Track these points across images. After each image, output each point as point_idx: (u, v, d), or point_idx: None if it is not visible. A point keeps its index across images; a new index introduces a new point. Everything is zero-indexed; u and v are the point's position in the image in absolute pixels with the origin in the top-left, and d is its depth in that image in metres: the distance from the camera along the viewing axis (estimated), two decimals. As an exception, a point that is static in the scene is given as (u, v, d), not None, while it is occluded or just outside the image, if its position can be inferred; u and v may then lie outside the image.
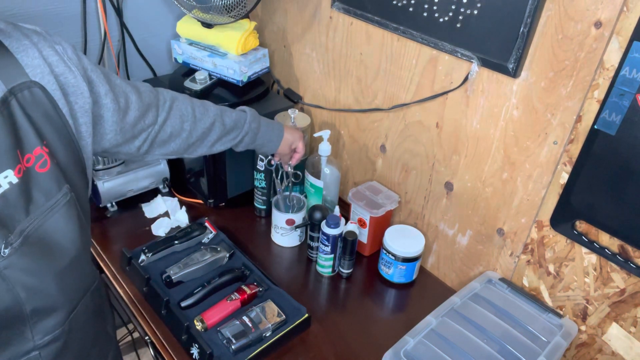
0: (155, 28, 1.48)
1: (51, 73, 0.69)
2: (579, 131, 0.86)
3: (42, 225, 0.67)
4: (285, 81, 1.50)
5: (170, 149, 0.98)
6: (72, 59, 0.72)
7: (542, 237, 0.98)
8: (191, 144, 1.00)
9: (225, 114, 1.05)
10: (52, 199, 0.68)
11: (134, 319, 1.09)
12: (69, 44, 0.74)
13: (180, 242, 1.16)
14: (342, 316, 1.10)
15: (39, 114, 0.67)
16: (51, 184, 0.68)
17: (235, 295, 1.04)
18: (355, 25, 1.19)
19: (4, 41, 0.66)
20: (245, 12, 1.22)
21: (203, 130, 1.00)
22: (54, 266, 0.69)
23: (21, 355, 0.71)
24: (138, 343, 1.74)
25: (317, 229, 1.17)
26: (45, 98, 0.68)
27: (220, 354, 0.94)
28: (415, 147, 1.17)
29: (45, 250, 0.68)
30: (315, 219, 1.17)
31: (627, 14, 0.75)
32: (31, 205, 0.66)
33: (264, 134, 1.10)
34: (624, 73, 0.76)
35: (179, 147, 0.99)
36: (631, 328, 0.90)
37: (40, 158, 0.67)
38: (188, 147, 1.01)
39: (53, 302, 0.71)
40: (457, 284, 1.19)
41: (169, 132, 0.95)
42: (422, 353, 0.89)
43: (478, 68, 0.96)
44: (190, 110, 0.98)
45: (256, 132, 1.08)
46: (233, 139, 1.06)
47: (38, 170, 0.67)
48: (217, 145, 1.05)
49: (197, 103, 1.01)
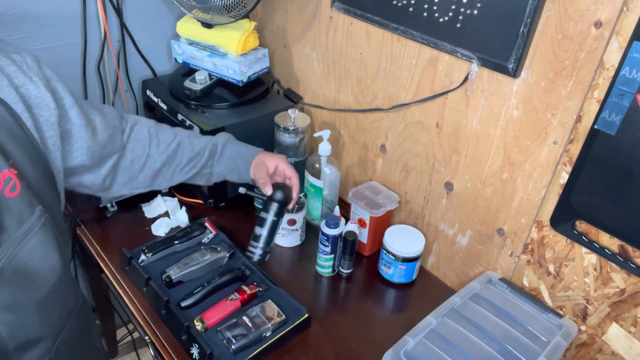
0: (155, 28, 1.48)
1: (10, 85, 0.64)
2: (579, 131, 0.86)
3: (17, 256, 0.61)
4: (285, 81, 1.50)
5: (135, 179, 0.92)
6: (32, 68, 0.67)
7: (542, 237, 0.98)
8: (157, 171, 0.94)
9: (193, 135, 1.00)
10: (26, 224, 0.62)
11: (134, 319, 1.09)
12: (29, 53, 0.69)
13: (180, 242, 1.16)
14: (342, 316, 1.09)
15: (2, 132, 0.61)
16: (23, 207, 0.62)
17: (235, 295, 1.04)
18: (355, 25, 1.19)
19: None
20: (245, 12, 1.22)
21: (168, 153, 0.94)
22: (35, 297, 0.64)
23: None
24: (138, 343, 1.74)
25: (275, 209, 1.00)
26: (6, 113, 0.62)
27: (220, 354, 0.94)
28: (415, 147, 1.17)
29: (24, 282, 0.63)
30: (276, 197, 1.00)
31: (627, 14, 0.75)
32: (3, 234, 0.60)
33: (232, 149, 1.01)
34: (624, 73, 0.76)
35: (144, 176, 0.93)
36: (631, 328, 0.90)
37: (8, 182, 0.60)
38: (155, 175, 0.95)
39: (37, 334, 0.66)
40: (457, 284, 1.19)
41: (131, 158, 0.90)
42: (422, 353, 0.89)
43: (478, 68, 0.96)
44: (153, 132, 0.93)
45: (224, 143, 1.01)
46: (200, 159, 0.99)
47: (7, 195, 0.60)
48: (186, 169, 0.98)
49: (163, 127, 0.97)
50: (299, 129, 1.29)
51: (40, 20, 1.26)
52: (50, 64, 1.38)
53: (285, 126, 1.28)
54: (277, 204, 1.00)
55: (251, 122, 1.30)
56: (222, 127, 1.24)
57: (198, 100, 1.32)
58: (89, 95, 1.43)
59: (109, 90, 1.46)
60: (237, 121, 1.28)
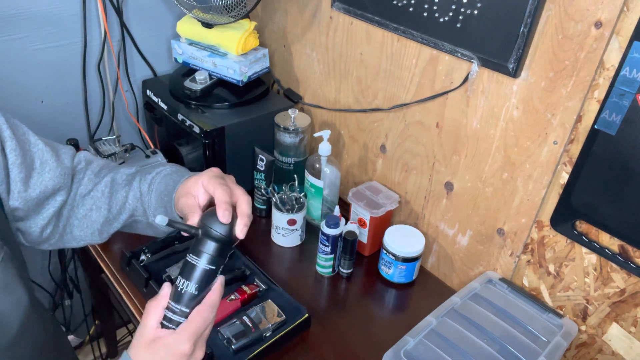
0: (155, 28, 1.48)
1: None
2: (579, 131, 0.86)
3: None
4: (285, 81, 1.50)
5: (89, 226, 0.78)
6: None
7: (542, 237, 0.98)
8: (110, 219, 0.79)
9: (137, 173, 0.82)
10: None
11: (134, 319, 1.09)
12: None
13: (181, 242, 1.16)
14: (342, 316, 1.09)
15: None
16: None
17: (235, 295, 1.04)
18: (355, 25, 1.19)
19: None
20: (245, 12, 1.22)
21: (123, 196, 0.78)
22: (4, 341, 0.56)
23: None
24: (138, 343, 1.74)
25: (213, 253, 0.67)
26: None
27: (220, 354, 0.94)
28: (416, 147, 1.17)
29: None
30: (212, 231, 0.66)
31: (627, 14, 0.75)
32: None
33: (159, 189, 0.77)
34: (624, 73, 0.76)
35: (97, 220, 0.79)
36: (631, 328, 0.90)
37: None
38: (107, 222, 0.80)
39: None
40: (457, 284, 1.19)
41: (90, 205, 0.76)
42: (422, 353, 0.89)
43: (478, 68, 0.96)
44: (107, 171, 0.80)
45: (149, 185, 0.78)
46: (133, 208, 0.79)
47: None
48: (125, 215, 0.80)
49: (112, 164, 0.84)
50: (299, 129, 1.29)
51: (40, 20, 1.26)
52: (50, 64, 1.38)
53: (285, 126, 1.28)
54: (213, 243, 0.65)
55: (251, 122, 1.30)
56: (222, 127, 1.24)
57: (198, 100, 1.32)
58: (89, 95, 1.43)
59: (109, 90, 1.46)
60: (237, 121, 1.28)
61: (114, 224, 0.80)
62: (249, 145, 1.30)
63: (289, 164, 1.33)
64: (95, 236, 0.80)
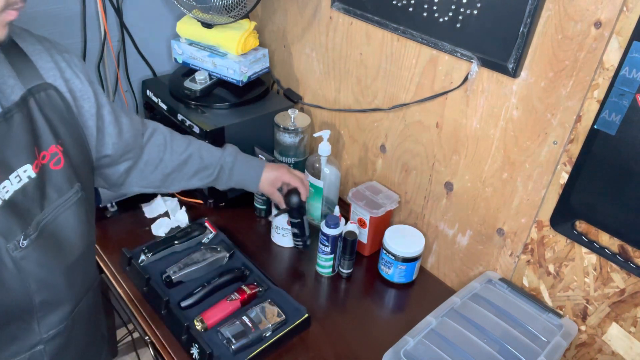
0: (155, 28, 1.48)
1: (61, 77, 0.73)
2: (579, 131, 0.86)
3: (54, 220, 0.70)
4: (285, 81, 1.50)
5: (147, 179, 0.99)
6: (77, 66, 0.76)
7: (542, 237, 0.98)
8: (167, 175, 1.00)
9: (204, 148, 1.05)
10: (64, 196, 0.71)
11: (134, 319, 1.09)
12: (75, 54, 0.78)
13: (180, 242, 1.16)
14: (342, 316, 1.10)
15: (55, 114, 0.71)
16: (63, 181, 0.71)
17: (235, 295, 1.04)
18: (355, 25, 1.19)
19: (20, 44, 0.71)
20: (245, 12, 1.22)
21: (179, 161, 1.00)
22: (64, 261, 0.72)
23: (27, 349, 0.72)
24: (138, 343, 1.74)
25: (296, 213, 1.14)
26: (59, 100, 0.71)
27: (220, 354, 0.94)
28: (415, 147, 1.17)
29: (57, 245, 0.71)
30: (292, 203, 1.11)
31: (627, 14, 0.75)
32: (45, 200, 0.69)
33: (240, 170, 1.07)
34: (624, 73, 0.76)
35: (155, 178, 0.99)
36: (631, 328, 0.90)
37: (54, 156, 0.70)
38: (165, 178, 1.01)
39: (60, 296, 0.73)
40: (457, 284, 1.19)
41: (146, 160, 0.97)
42: (422, 353, 0.89)
43: (478, 68, 0.96)
44: (168, 140, 1.00)
45: (231, 167, 1.06)
46: (210, 174, 1.05)
47: (52, 168, 0.70)
48: (194, 179, 1.04)
49: (177, 135, 1.03)
50: (299, 129, 1.29)
51: (40, 20, 1.26)
52: (50, 64, 1.33)
53: (285, 126, 1.28)
54: (295, 210, 1.13)
55: (251, 122, 1.30)
56: (222, 127, 1.24)
57: (198, 100, 1.32)
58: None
59: (109, 90, 1.46)
60: (237, 121, 1.28)
61: (183, 183, 1.04)
62: (249, 145, 1.30)
63: (289, 164, 1.33)
64: (159, 189, 1.02)
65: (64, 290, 0.74)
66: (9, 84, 0.66)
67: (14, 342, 0.71)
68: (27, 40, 0.71)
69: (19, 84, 0.67)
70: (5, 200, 0.64)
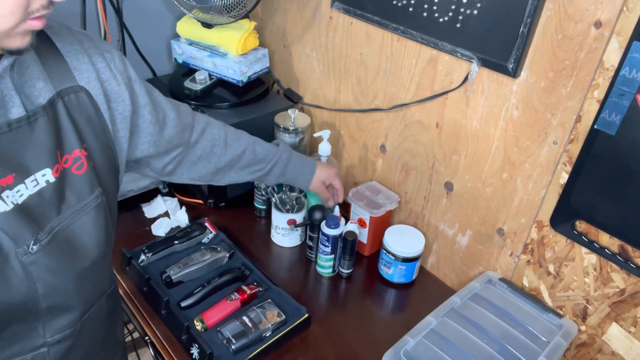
0: (155, 28, 1.48)
1: (97, 79, 0.72)
2: (579, 131, 0.86)
3: (70, 226, 0.69)
4: (285, 81, 1.50)
5: (198, 172, 0.99)
6: (118, 67, 0.75)
7: (542, 237, 0.98)
8: (219, 169, 1.01)
9: (258, 143, 1.06)
10: (83, 201, 0.70)
11: (134, 319, 1.09)
12: (118, 52, 0.77)
13: (180, 242, 1.16)
14: (342, 316, 1.10)
15: (82, 117, 0.69)
16: (84, 186, 0.70)
17: (235, 295, 1.04)
18: (355, 25, 1.19)
19: (57, 43, 0.68)
20: (245, 12, 1.22)
21: (232, 156, 1.01)
22: (75, 267, 0.70)
23: (30, 350, 0.71)
24: (138, 343, 1.74)
25: (317, 229, 1.16)
26: (89, 103, 0.70)
27: (220, 354, 0.94)
28: (415, 147, 1.17)
29: (70, 250, 0.69)
30: (315, 219, 1.17)
31: (627, 14, 0.75)
32: (63, 204, 0.68)
33: (294, 167, 1.10)
34: (624, 73, 0.76)
35: (207, 171, 1.00)
36: (631, 328, 0.90)
37: (77, 160, 0.69)
38: (216, 172, 1.01)
39: (69, 302, 0.72)
40: (457, 284, 1.19)
41: (199, 155, 0.97)
42: (422, 353, 0.89)
43: (478, 68, 0.96)
44: (222, 135, 1.00)
45: (286, 163, 1.08)
46: (262, 168, 1.06)
47: (74, 172, 0.69)
48: (245, 173, 1.05)
49: (231, 130, 1.03)
50: (299, 129, 1.29)
51: (40, 20, 1.26)
52: (50, 64, 1.33)
53: (285, 126, 1.28)
54: (316, 226, 1.18)
55: (251, 122, 1.30)
56: (222, 127, 1.24)
57: (198, 100, 1.32)
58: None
59: (109, 90, 1.46)
60: (237, 121, 1.27)
61: (234, 177, 1.05)
62: (249, 145, 1.30)
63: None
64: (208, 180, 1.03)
65: (73, 296, 0.72)
66: (37, 87, 0.65)
67: (17, 341, 0.70)
68: (65, 39, 0.70)
69: (49, 85, 0.66)
70: (19, 204, 0.63)
